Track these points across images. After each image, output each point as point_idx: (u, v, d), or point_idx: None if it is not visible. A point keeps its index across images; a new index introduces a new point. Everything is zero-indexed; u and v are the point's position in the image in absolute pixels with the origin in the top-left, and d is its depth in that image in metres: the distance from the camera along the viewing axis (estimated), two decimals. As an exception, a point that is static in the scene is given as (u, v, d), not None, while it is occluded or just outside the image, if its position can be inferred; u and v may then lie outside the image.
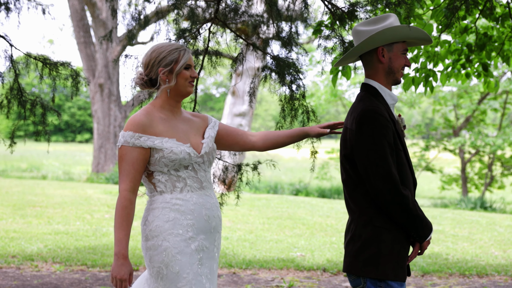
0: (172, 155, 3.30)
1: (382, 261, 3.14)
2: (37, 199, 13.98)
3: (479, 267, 8.37)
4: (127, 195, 3.27)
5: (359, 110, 3.19)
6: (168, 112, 3.42)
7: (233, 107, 17.46)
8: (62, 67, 5.76)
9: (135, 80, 3.46)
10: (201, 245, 3.35)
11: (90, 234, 9.93)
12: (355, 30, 3.34)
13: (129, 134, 3.29)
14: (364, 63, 3.36)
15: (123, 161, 3.29)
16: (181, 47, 3.42)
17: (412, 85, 6.49)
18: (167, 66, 3.36)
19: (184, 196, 3.34)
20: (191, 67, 3.43)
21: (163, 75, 3.36)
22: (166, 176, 3.34)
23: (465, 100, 21.60)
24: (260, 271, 7.89)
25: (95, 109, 23.22)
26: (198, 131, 3.51)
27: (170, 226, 3.30)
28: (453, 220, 13.55)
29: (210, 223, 3.40)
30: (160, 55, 3.37)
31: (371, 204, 3.17)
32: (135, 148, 3.28)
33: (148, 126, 3.32)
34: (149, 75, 3.41)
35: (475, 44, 6.53)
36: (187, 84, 3.41)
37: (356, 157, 3.17)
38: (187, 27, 5.43)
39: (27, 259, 7.94)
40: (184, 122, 3.48)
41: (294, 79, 5.50)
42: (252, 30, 5.63)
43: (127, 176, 3.28)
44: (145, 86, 3.44)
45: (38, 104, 5.88)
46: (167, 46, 3.41)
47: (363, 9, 5.19)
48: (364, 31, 3.29)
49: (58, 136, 59.37)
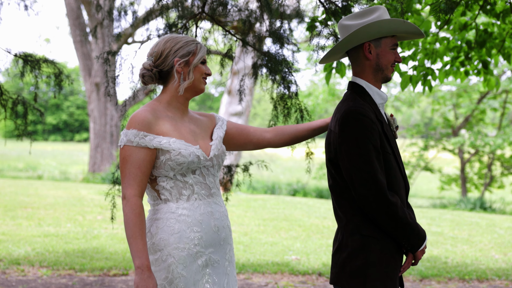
0: (180, 157, 2.96)
1: (370, 273, 2.89)
2: (29, 200, 13.75)
3: (479, 271, 8.14)
4: (137, 201, 2.92)
5: (342, 111, 2.94)
6: (175, 110, 3.10)
7: (229, 107, 17.22)
8: (45, 64, 5.51)
9: (141, 72, 3.11)
10: (209, 260, 3.01)
11: (80, 236, 9.69)
12: (340, 24, 3.08)
13: (133, 132, 2.94)
14: (350, 60, 3.11)
15: (127, 163, 2.94)
16: (197, 40, 3.13)
17: (410, 84, 6.26)
18: (184, 57, 3.04)
19: (191, 206, 3.00)
20: (206, 63, 3.13)
21: (179, 66, 3.04)
22: (171, 182, 3.00)
23: (465, 100, 21.38)
24: (253, 276, 7.65)
25: (92, 108, 22.99)
26: (206, 131, 3.19)
27: (176, 240, 2.96)
28: (452, 221, 13.33)
29: (220, 234, 3.07)
30: (176, 45, 3.05)
31: (358, 211, 2.93)
32: (140, 149, 2.93)
33: (154, 124, 2.98)
34: (160, 66, 3.07)
35: (475, 41, 6.30)
36: (202, 81, 3.11)
37: (340, 162, 2.92)
38: (175, 21, 5.19)
39: (13, 263, 7.70)
40: (191, 121, 3.15)
41: (286, 76, 5.27)
42: (242, 25, 5.40)
43: (134, 179, 2.92)
44: (152, 79, 3.09)
45: (20, 103, 5.63)
46: (183, 37, 3.10)
47: (357, 4, 4.94)
48: (350, 26, 3.02)
49: (56, 136, 59.12)
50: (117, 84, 5.29)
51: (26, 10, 5.50)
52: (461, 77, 6.78)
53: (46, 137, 58.65)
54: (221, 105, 17.75)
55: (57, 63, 5.57)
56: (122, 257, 8.16)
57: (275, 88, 5.20)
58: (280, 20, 5.25)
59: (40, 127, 56.88)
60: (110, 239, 9.49)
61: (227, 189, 6.40)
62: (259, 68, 5.32)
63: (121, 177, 2.98)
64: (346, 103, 2.97)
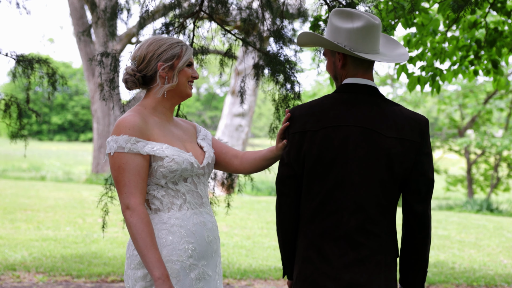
0: (173, 164, 2.79)
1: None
2: (29, 202, 13.57)
3: (488, 277, 7.91)
4: (144, 210, 2.74)
5: (418, 118, 2.74)
6: (161, 115, 2.91)
7: (232, 107, 17.00)
8: (38, 64, 5.30)
9: (123, 77, 2.92)
10: (202, 273, 2.85)
11: (79, 240, 9.49)
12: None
13: (124, 138, 2.75)
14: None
15: (125, 171, 2.75)
16: (182, 41, 2.92)
17: (418, 85, 6.03)
18: (168, 61, 2.85)
19: (183, 215, 2.83)
20: (193, 66, 2.94)
21: (162, 71, 2.85)
22: (162, 191, 2.82)
23: (471, 100, 21.14)
24: (255, 282, 7.44)
25: (95, 108, 22.81)
26: (193, 139, 3.02)
27: (169, 252, 2.78)
28: (459, 224, 13.10)
29: (212, 246, 2.91)
30: (160, 48, 2.86)
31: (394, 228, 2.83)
32: (136, 155, 2.75)
33: (145, 130, 2.80)
34: (143, 71, 2.88)
35: (485, 40, 6.08)
36: (188, 85, 2.92)
37: (416, 175, 2.73)
38: (171, 21, 4.98)
39: (9, 268, 7.49)
40: (177, 128, 2.98)
41: (288, 77, 5.06)
42: (243, 25, 5.19)
43: (135, 187, 2.74)
44: (135, 84, 2.90)
45: (13, 105, 5.43)
46: (167, 39, 2.90)
47: (362, 2, 4.72)
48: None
49: (61, 135, 59.05)
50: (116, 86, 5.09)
51: (18, 8, 5.29)
52: (469, 76, 6.57)
53: (51, 137, 58.61)
54: (224, 106, 17.53)
55: (51, 62, 5.36)
56: (121, 262, 7.95)
57: (277, 90, 4.99)
58: (282, 19, 5.03)
59: (45, 127, 56.87)
60: (110, 243, 9.28)
61: (229, 192, 6.19)
62: (261, 69, 5.11)
63: (118, 186, 2.77)
64: (404, 108, 2.77)
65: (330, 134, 2.69)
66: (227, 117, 17.14)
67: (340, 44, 2.73)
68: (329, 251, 2.68)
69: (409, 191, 2.71)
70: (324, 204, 2.69)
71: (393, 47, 2.90)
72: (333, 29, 2.76)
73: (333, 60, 2.82)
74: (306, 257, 2.75)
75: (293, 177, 2.77)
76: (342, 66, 2.79)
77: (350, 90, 2.76)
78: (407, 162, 2.67)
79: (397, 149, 2.66)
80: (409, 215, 2.72)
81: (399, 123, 2.69)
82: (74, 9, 22.57)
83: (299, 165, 2.75)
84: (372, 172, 2.66)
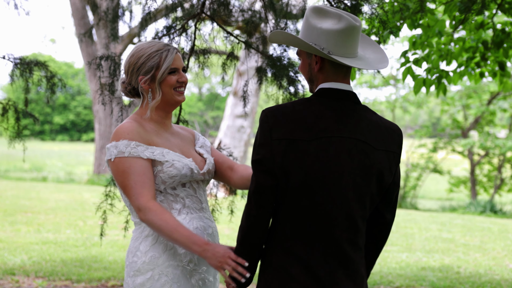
0: (173, 170, 2.74)
1: None
2: (30, 204, 13.48)
3: (494, 282, 7.79)
4: (154, 203, 2.67)
5: (396, 129, 2.62)
6: (157, 124, 2.87)
7: (234, 108, 16.91)
8: (36, 67, 5.20)
9: (119, 88, 2.91)
10: (202, 279, 2.80)
11: (79, 243, 9.39)
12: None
13: (124, 143, 2.71)
14: None
15: (129, 175, 2.69)
16: (163, 47, 2.81)
17: (423, 87, 5.92)
18: (148, 74, 2.79)
19: (183, 220, 2.77)
20: (178, 70, 2.83)
21: (144, 84, 2.80)
22: (161, 196, 2.77)
23: (474, 100, 21.00)
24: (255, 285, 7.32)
25: (97, 109, 22.73)
26: (191, 146, 2.96)
27: (169, 257, 2.74)
28: (463, 227, 12.99)
29: None
30: (139, 61, 2.79)
31: None
32: (137, 158, 2.69)
33: (144, 135, 2.76)
34: (130, 83, 2.85)
35: (492, 41, 5.97)
36: (174, 92, 2.82)
37: (393, 186, 2.64)
38: (173, 24, 4.88)
39: (8, 273, 7.39)
40: (174, 135, 2.93)
41: (292, 81, 4.95)
42: (245, 26, 5.08)
43: (142, 187, 2.68)
44: (130, 95, 2.88)
45: (11, 109, 5.32)
46: (147, 48, 2.80)
47: (367, 3, 4.61)
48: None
49: (63, 135, 58.99)
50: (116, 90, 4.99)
51: (16, 9, 5.18)
52: (475, 78, 6.47)
53: (53, 137, 58.55)
54: (226, 107, 17.44)
55: (50, 66, 5.27)
56: (122, 267, 7.85)
57: (281, 94, 4.88)
58: (286, 21, 4.92)
59: (47, 127, 56.81)
60: (110, 247, 9.18)
61: (231, 194, 6.08)
62: (264, 72, 5.00)
63: (125, 191, 2.71)
64: (381, 117, 2.62)
65: (324, 145, 2.48)
66: (229, 118, 17.04)
67: (317, 46, 2.51)
68: (318, 267, 2.47)
69: (383, 200, 2.61)
70: (314, 218, 2.48)
71: (368, 47, 2.68)
72: (310, 28, 2.54)
73: (308, 61, 2.60)
74: (290, 275, 2.48)
75: (275, 187, 2.49)
76: (319, 69, 2.58)
77: (334, 96, 2.55)
78: (391, 175, 2.57)
79: (385, 163, 2.54)
80: (378, 224, 2.63)
81: (383, 134, 2.55)
82: (75, 9, 22.48)
83: (283, 175, 2.48)
84: (365, 186, 2.51)
